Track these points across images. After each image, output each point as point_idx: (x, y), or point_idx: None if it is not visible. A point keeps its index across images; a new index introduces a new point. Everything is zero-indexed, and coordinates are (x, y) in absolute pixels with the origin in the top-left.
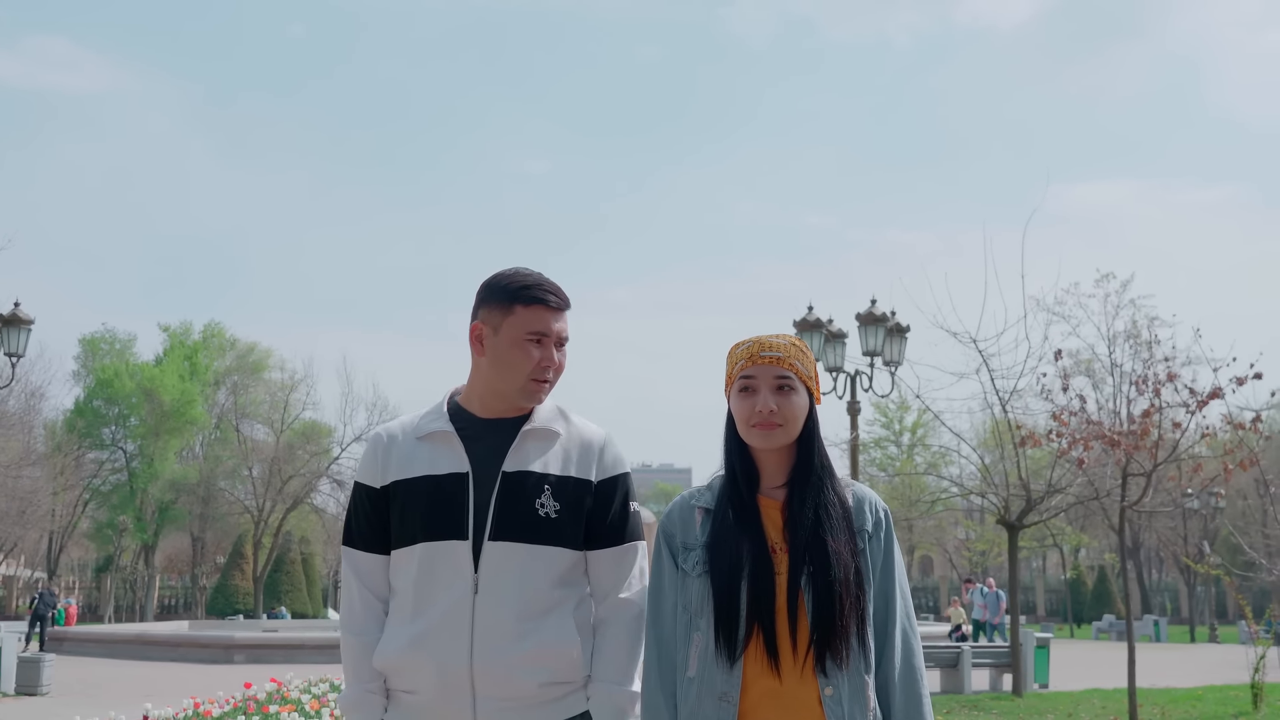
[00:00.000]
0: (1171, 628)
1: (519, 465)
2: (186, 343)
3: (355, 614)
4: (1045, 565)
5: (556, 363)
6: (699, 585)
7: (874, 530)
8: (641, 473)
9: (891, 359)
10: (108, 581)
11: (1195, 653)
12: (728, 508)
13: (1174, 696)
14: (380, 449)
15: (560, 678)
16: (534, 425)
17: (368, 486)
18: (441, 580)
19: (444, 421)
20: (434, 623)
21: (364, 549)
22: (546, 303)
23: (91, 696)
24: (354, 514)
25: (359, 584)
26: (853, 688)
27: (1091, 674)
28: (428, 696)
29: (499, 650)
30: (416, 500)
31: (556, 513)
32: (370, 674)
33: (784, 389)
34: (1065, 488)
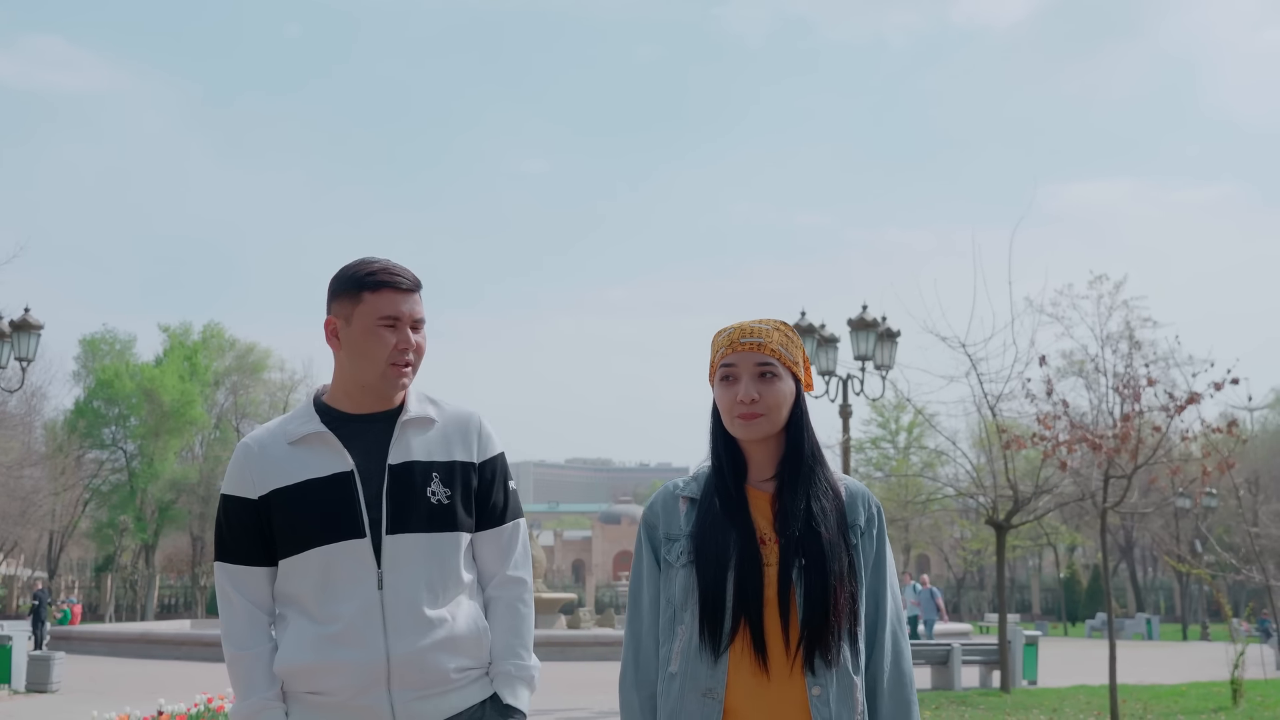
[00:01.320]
0: (1165, 626)
1: (403, 457)
2: (186, 343)
3: (240, 628)
4: (1041, 564)
5: (414, 344)
6: (683, 576)
7: (866, 526)
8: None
9: (883, 363)
10: (108, 581)
11: (1185, 650)
12: (714, 497)
13: (1158, 693)
14: (251, 459)
15: (471, 662)
16: (410, 415)
17: (241, 498)
18: (345, 580)
19: (316, 423)
20: (345, 623)
21: (242, 562)
22: (395, 285)
23: (101, 693)
24: (228, 528)
25: (240, 597)
26: (841, 688)
27: (1080, 671)
28: (342, 695)
29: (413, 641)
30: (303, 506)
31: (448, 498)
32: (267, 683)
33: (766, 376)
34: (1052, 489)
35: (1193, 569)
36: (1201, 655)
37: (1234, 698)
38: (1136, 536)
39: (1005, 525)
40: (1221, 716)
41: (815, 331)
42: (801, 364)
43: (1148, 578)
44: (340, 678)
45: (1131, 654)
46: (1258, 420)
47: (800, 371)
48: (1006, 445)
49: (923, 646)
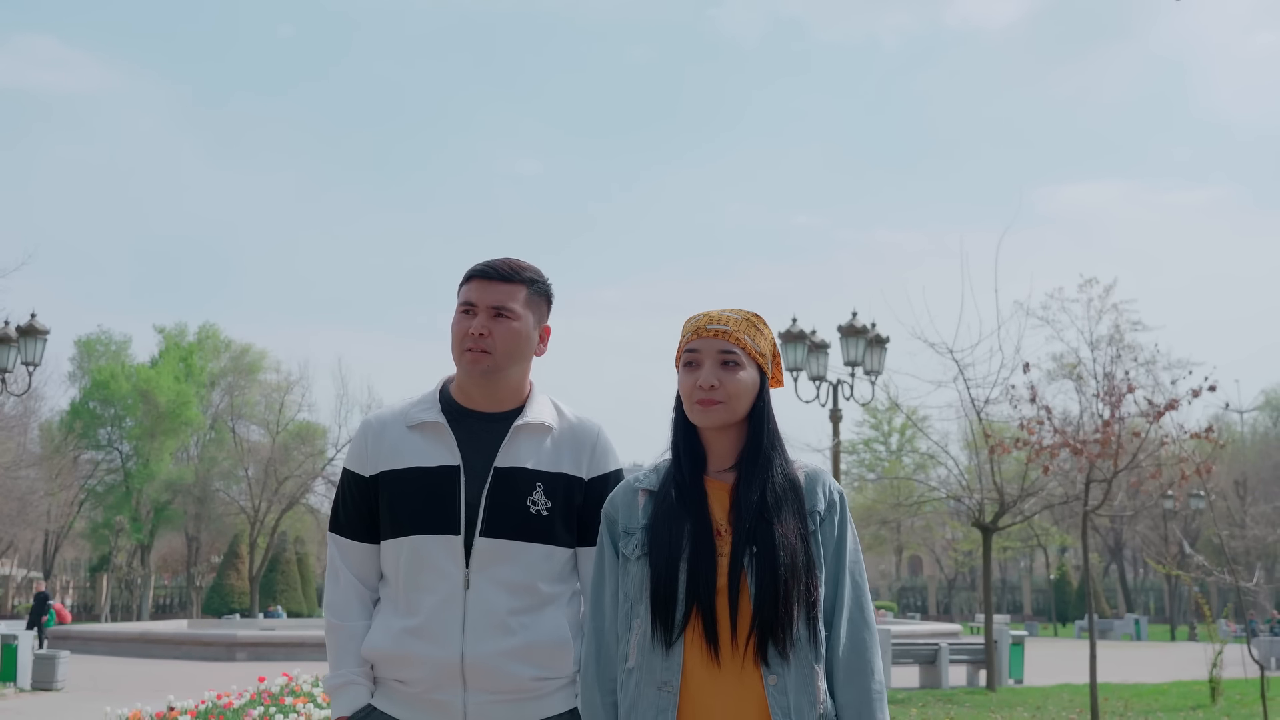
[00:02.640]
0: (1154, 626)
1: (511, 461)
2: (182, 344)
3: (342, 600)
4: (1032, 565)
5: (488, 331)
6: (638, 569)
7: (826, 512)
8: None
9: (872, 368)
10: (103, 581)
11: (1172, 651)
12: (670, 488)
13: (1140, 691)
14: (370, 436)
15: (551, 672)
16: (527, 420)
17: (356, 474)
18: (433, 574)
19: (435, 412)
20: (426, 616)
21: (351, 537)
22: (479, 274)
23: (105, 692)
24: (342, 501)
25: (346, 570)
26: (800, 677)
27: (1066, 670)
28: (419, 688)
29: (490, 644)
30: (406, 492)
31: (548, 510)
32: (356, 660)
33: (729, 365)
34: (1037, 492)
35: (1172, 570)
36: (1187, 655)
37: (1212, 696)
38: (1126, 538)
39: (992, 528)
40: (1199, 714)
41: (806, 338)
42: (769, 357)
43: (1138, 579)
44: (416, 670)
45: (1118, 654)
46: (1248, 422)
47: (767, 364)
48: (992, 450)
49: (911, 646)
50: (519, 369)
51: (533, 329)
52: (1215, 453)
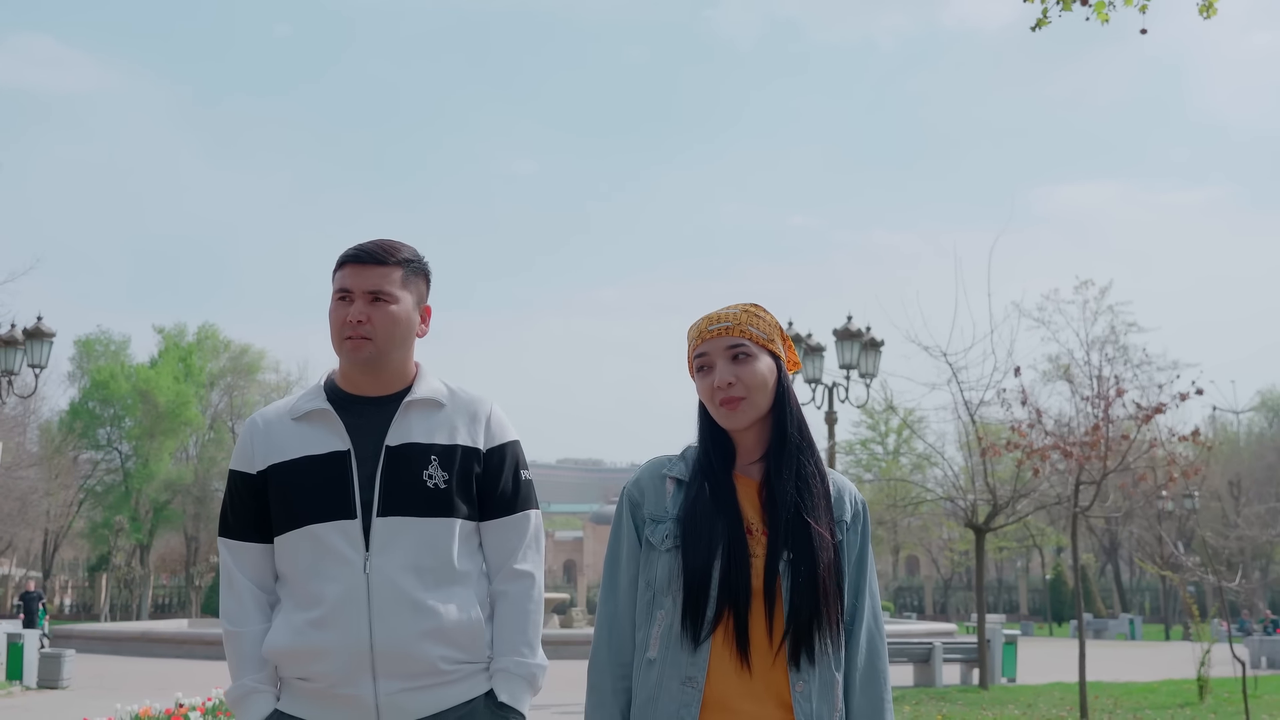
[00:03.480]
0: (1149, 626)
1: (402, 438)
2: (181, 344)
3: (238, 606)
4: (1028, 565)
5: (366, 317)
6: (667, 561)
7: (852, 522)
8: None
9: (867, 371)
10: (102, 581)
11: (1166, 650)
12: (703, 481)
13: (1130, 690)
14: (256, 433)
15: (464, 655)
16: (416, 396)
17: (242, 473)
18: (333, 562)
19: (321, 400)
20: (329, 606)
21: (243, 538)
22: (352, 259)
23: (111, 690)
24: (230, 503)
25: (240, 575)
26: (823, 683)
27: (1058, 669)
28: (325, 682)
29: (399, 628)
30: (297, 483)
31: (445, 483)
32: (257, 665)
33: (740, 358)
34: (1029, 493)
35: (1160, 571)
36: (1180, 655)
37: (1200, 694)
38: (1121, 538)
39: (985, 528)
40: (1187, 711)
41: (802, 341)
42: (779, 341)
43: (1133, 579)
44: (322, 663)
45: (1112, 653)
46: (1243, 423)
47: (779, 349)
48: (983, 453)
49: (905, 645)
50: (402, 352)
51: (413, 310)
52: (1203, 455)
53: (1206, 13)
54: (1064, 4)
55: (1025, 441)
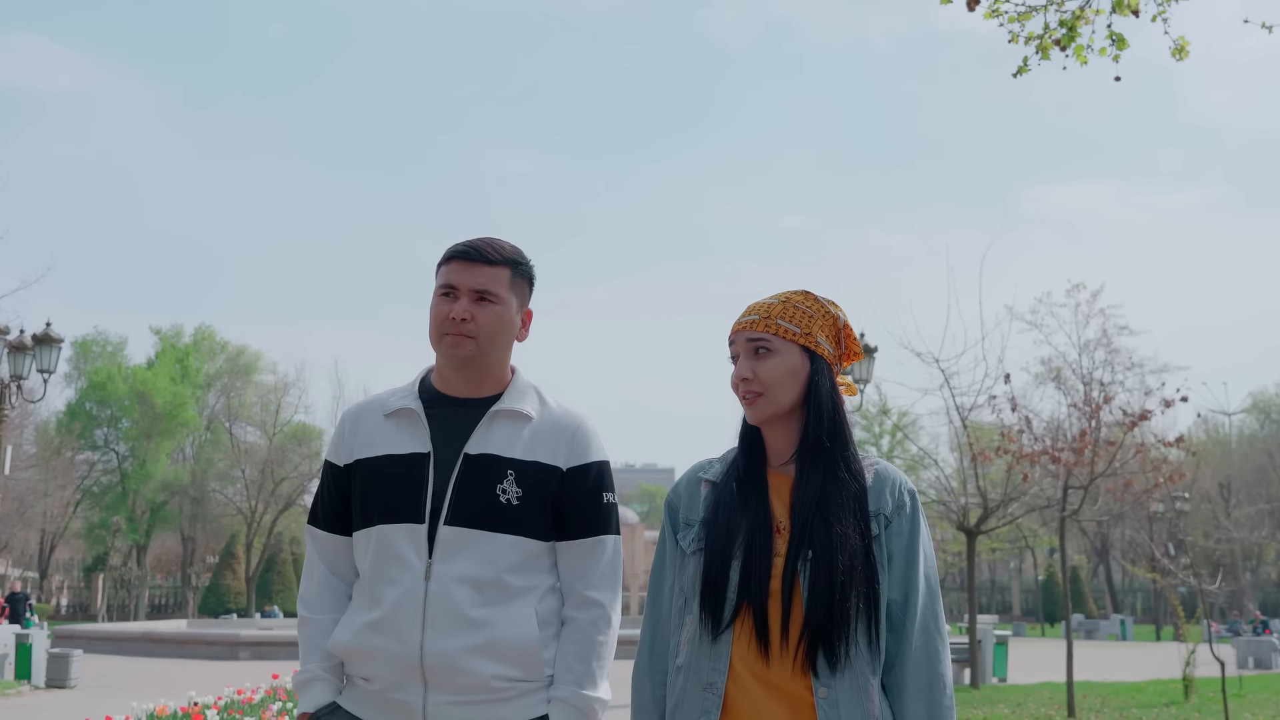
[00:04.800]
0: (1141, 627)
1: (482, 448)
2: (178, 345)
3: (313, 593)
4: (1021, 566)
5: (470, 316)
6: (694, 564)
7: (894, 514)
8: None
9: (860, 377)
10: (98, 581)
11: (1156, 650)
12: (731, 481)
13: (1118, 689)
14: (348, 426)
15: (518, 674)
16: (504, 406)
17: (333, 464)
18: (396, 565)
19: (412, 399)
20: (386, 610)
21: (326, 529)
22: (460, 255)
23: (118, 689)
24: (320, 492)
25: (319, 563)
26: (855, 689)
27: (1049, 669)
28: (379, 685)
29: (451, 640)
30: (376, 480)
31: (519, 499)
32: (323, 655)
33: (760, 353)
34: (1019, 496)
35: (1146, 573)
36: (1170, 655)
37: (1185, 693)
38: (1114, 540)
39: (976, 531)
40: (1172, 709)
41: None
42: (820, 334)
43: (1125, 580)
44: (377, 666)
45: (1103, 654)
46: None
47: (817, 343)
48: (974, 458)
49: None
50: (500, 354)
51: (516, 312)
52: (1188, 460)
53: (1179, 55)
54: (1042, 53)
55: (1015, 447)
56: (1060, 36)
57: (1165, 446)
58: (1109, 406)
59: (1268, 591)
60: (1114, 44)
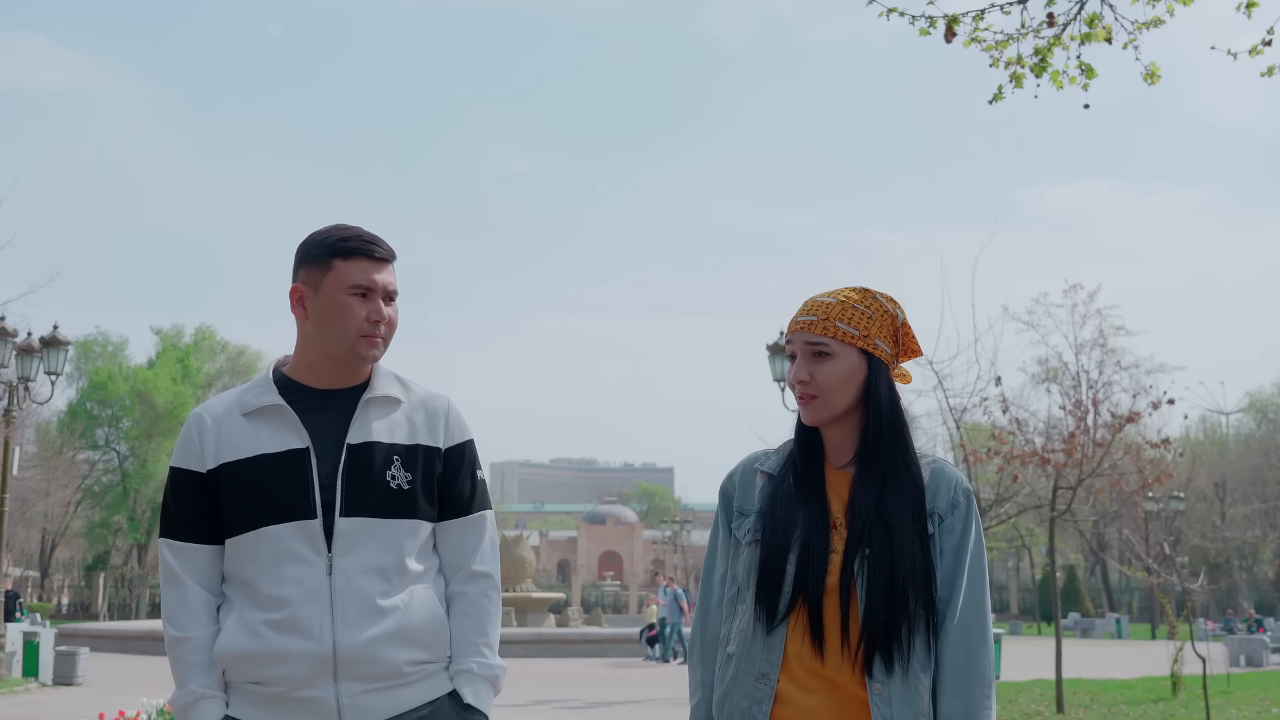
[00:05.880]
0: (1136, 625)
1: (363, 436)
2: (178, 345)
3: (184, 610)
4: (1019, 565)
5: (386, 318)
6: (749, 554)
7: (949, 511)
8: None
9: None
10: (99, 580)
11: (1150, 648)
12: (789, 474)
13: (1108, 686)
14: (203, 430)
15: (426, 656)
16: (374, 394)
17: (190, 471)
18: (293, 564)
19: (273, 395)
20: (290, 609)
21: (189, 539)
22: (369, 253)
23: (125, 686)
24: (175, 503)
25: (186, 578)
26: (906, 687)
27: (1043, 666)
28: (285, 686)
29: (363, 631)
30: (253, 482)
31: (409, 483)
32: (205, 670)
33: (818, 356)
34: (1011, 497)
35: (1137, 573)
36: (1163, 653)
37: (1173, 690)
38: (1110, 539)
39: None
40: (1159, 706)
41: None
42: (878, 336)
43: (1122, 578)
44: (283, 668)
45: (1097, 652)
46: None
47: (875, 345)
48: (965, 459)
49: None
50: None
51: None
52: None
53: (1151, 80)
54: (1016, 82)
55: (1006, 449)
56: (1033, 65)
57: (1153, 448)
58: (1098, 408)
59: (1264, 590)
60: (1083, 74)
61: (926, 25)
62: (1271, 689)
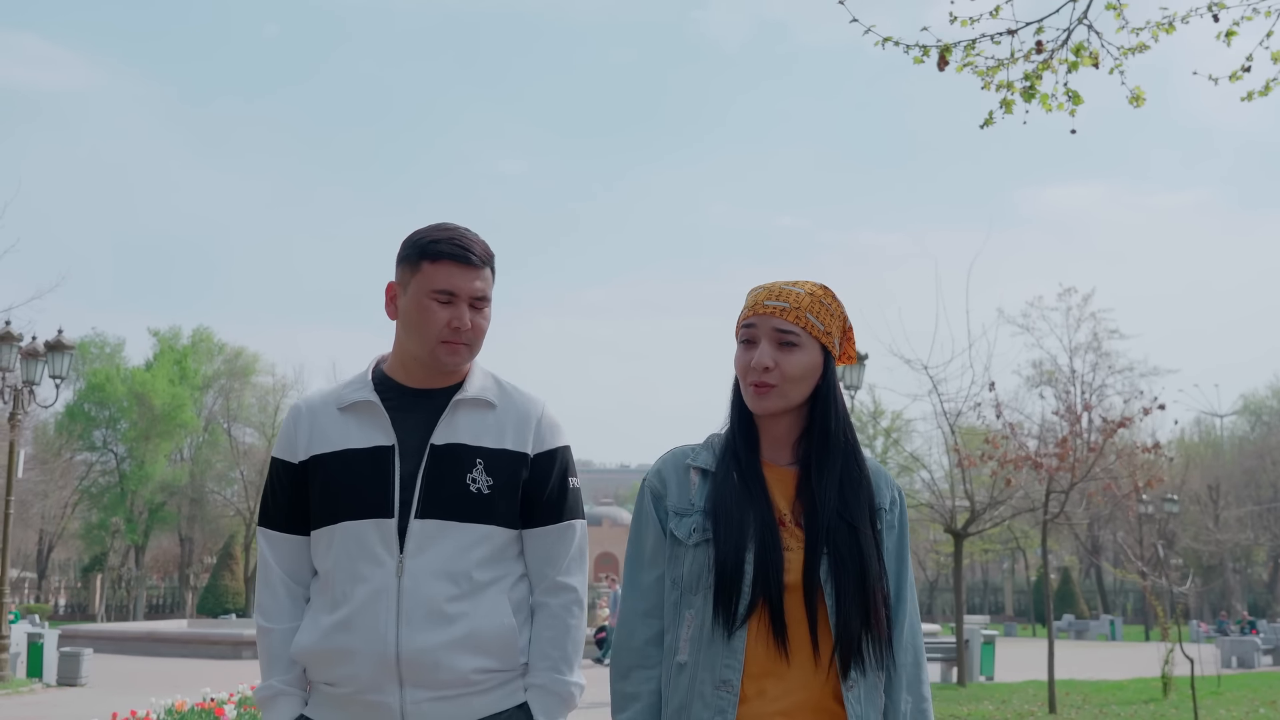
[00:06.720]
0: (1130, 627)
1: (449, 438)
2: (176, 347)
3: (272, 601)
4: (1014, 567)
5: (471, 325)
6: (695, 556)
7: (889, 509)
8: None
9: (851, 384)
10: (96, 581)
11: (1143, 650)
12: (731, 470)
13: (1100, 687)
14: (299, 421)
15: (495, 664)
16: (466, 395)
17: (285, 461)
18: (366, 562)
19: (368, 391)
20: (356, 608)
21: (282, 529)
22: (457, 258)
23: (128, 687)
24: (270, 492)
25: (277, 568)
26: (869, 686)
27: (1036, 668)
28: (351, 687)
29: (428, 635)
30: (337, 476)
31: (489, 488)
32: (285, 667)
33: (786, 345)
34: (1005, 500)
35: (1125, 573)
36: (1156, 655)
37: (1164, 691)
38: (1105, 541)
39: (963, 533)
40: (1150, 707)
41: None
42: (836, 334)
43: (1117, 580)
44: (348, 668)
45: (1091, 653)
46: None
47: (834, 344)
48: (959, 463)
49: None
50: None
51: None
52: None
53: (1136, 103)
54: (1006, 107)
55: (999, 453)
56: (1023, 90)
57: (1144, 453)
58: (1090, 413)
59: (1257, 592)
60: (1070, 100)
61: (920, 54)
62: (1262, 690)
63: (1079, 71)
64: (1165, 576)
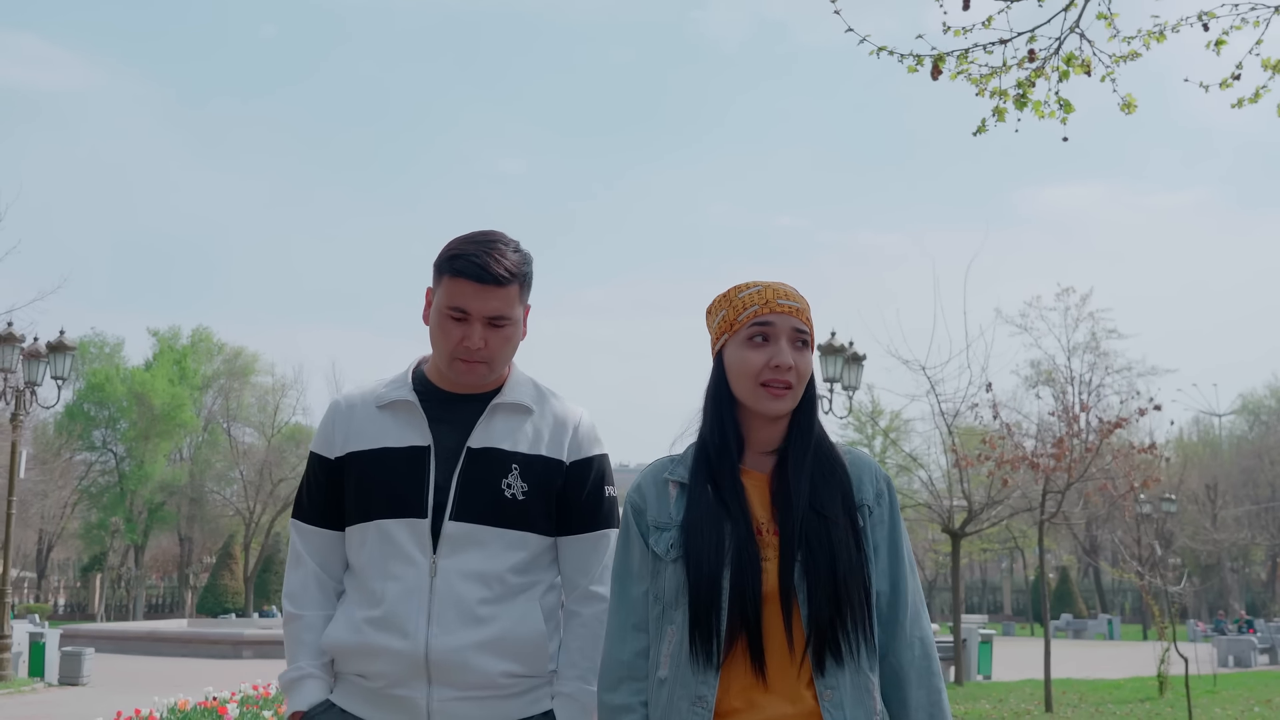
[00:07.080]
0: (1128, 626)
1: (485, 442)
2: (175, 347)
3: (301, 589)
4: (1013, 566)
5: (486, 344)
6: (673, 572)
7: (876, 502)
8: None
9: (850, 384)
10: (95, 581)
11: (1141, 649)
12: (706, 482)
13: (1096, 686)
14: (338, 417)
15: (524, 670)
16: (504, 399)
17: (322, 457)
18: (398, 561)
19: (407, 391)
20: (388, 606)
21: (315, 523)
22: (473, 276)
23: (129, 686)
24: (306, 485)
25: (308, 557)
26: (855, 687)
27: (1034, 667)
28: (381, 682)
29: (458, 635)
30: (373, 474)
31: (524, 494)
32: (314, 652)
33: (801, 345)
34: (1002, 500)
35: (1126, 575)
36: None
37: (1160, 690)
38: (1103, 541)
39: (960, 533)
40: (1146, 705)
41: None
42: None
43: (1115, 580)
44: (379, 663)
45: (1088, 652)
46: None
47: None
48: (956, 464)
49: None
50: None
51: (521, 323)
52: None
53: (1128, 110)
54: (998, 116)
55: (996, 453)
56: (1015, 98)
57: (1140, 453)
58: (1086, 414)
59: (1255, 591)
60: (1061, 108)
61: (914, 64)
62: (1257, 688)
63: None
64: (1161, 576)
